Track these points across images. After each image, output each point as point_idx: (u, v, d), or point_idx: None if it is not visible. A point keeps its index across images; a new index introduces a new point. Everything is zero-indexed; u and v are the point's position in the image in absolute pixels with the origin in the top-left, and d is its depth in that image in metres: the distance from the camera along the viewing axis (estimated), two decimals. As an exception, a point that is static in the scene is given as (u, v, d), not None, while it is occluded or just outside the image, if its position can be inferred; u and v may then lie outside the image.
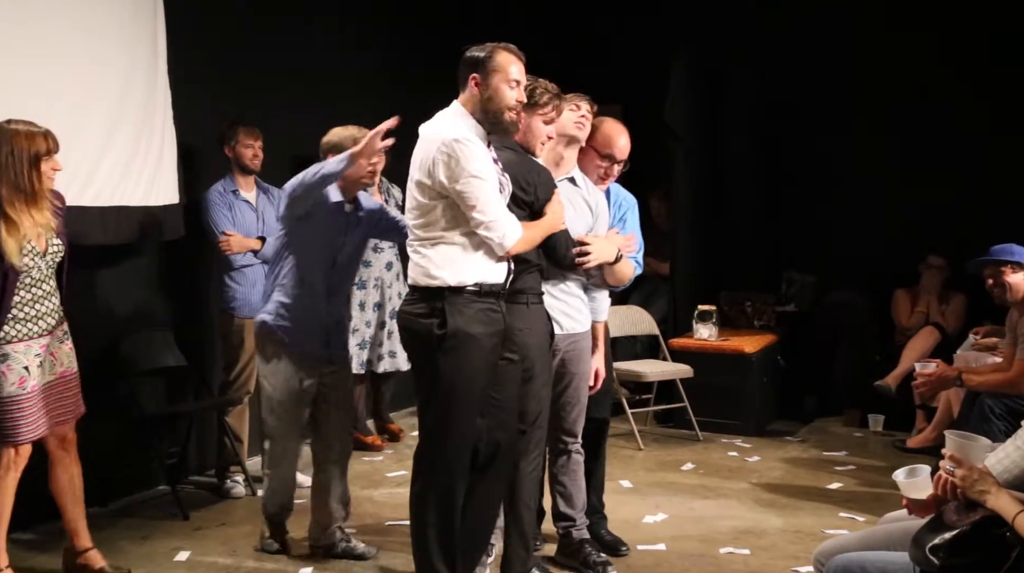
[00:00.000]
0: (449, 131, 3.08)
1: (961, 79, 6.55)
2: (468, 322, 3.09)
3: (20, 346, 3.44)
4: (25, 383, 3.44)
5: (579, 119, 3.66)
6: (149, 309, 4.97)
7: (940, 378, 4.52)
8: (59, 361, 3.60)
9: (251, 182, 4.95)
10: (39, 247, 3.47)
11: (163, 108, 4.63)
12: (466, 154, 3.02)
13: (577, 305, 3.73)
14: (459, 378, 3.10)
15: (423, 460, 3.24)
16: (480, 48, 3.16)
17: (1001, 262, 4.45)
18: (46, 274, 3.52)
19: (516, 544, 3.50)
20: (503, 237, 3.09)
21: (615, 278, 3.76)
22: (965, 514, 2.33)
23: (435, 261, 3.12)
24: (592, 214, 3.73)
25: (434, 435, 3.18)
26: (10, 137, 3.37)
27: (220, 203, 4.78)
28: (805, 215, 7.03)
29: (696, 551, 4.12)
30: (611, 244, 3.65)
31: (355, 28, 6.15)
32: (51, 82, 4.03)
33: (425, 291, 3.13)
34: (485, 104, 3.14)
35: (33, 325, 3.48)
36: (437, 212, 3.11)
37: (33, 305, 3.49)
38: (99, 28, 4.27)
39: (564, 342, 3.65)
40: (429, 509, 3.20)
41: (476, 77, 3.13)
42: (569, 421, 3.81)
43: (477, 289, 3.12)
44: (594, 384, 3.84)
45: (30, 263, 3.43)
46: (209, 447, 5.18)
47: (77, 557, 3.73)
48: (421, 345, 3.15)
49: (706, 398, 6.10)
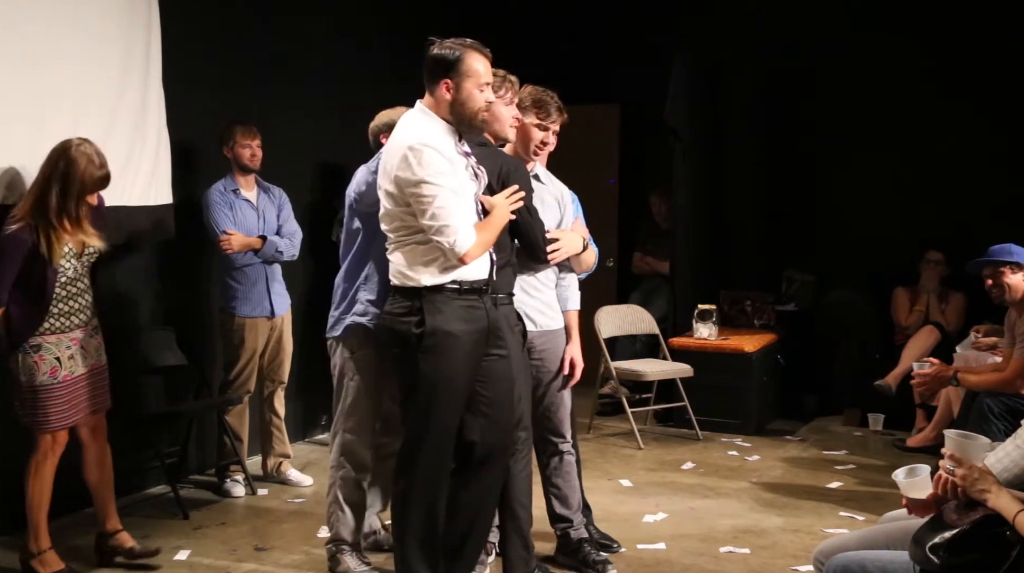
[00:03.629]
0: (410, 136, 3.07)
1: (961, 78, 6.55)
2: (447, 320, 3.09)
3: (52, 338, 3.67)
4: (56, 373, 3.66)
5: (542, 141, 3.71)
6: (149, 308, 4.97)
7: (937, 377, 4.52)
8: (90, 354, 3.79)
9: (251, 181, 4.94)
10: (77, 249, 3.69)
11: (157, 108, 4.62)
12: (421, 160, 3.01)
13: (549, 301, 3.76)
14: (438, 377, 3.10)
15: (405, 460, 3.22)
16: (448, 48, 3.12)
17: (1000, 262, 4.45)
18: (81, 273, 3.73)
19: (516, 544, 3.50)
20: (453, 243, 3.04)
21: (581, 266, 3.87)
22: (965, 513, 2.33)
23: (408, 262, 3.12)
24: (560, 209, 3.80)
25: (416, 435, 3.17)
26: (70, 163, 3.58)
27: (221, 202, 4.78)
28: (805, 215, 7.03)
29: (696, 550, 4.12)
30: (577, 235, 3.75)
31: (354, 27, 6.15)
32: (45, 84, 4.02)
33: (404, 291, 3.14)
34: (458, 108, 3.12)
35: (66, 319, 3.70)
36: (404, 216, 3.11)
37: (67, 301, 3.70)
38: (93, 29, 4.26)
39: (539, 340, 3.66)
40: (411, 509, 3.19)
41: (448, 82, 3.10)
42: (556, 421, 3.81)
43: (457, 286, 3.12)
44: (572, 375, 3.83)
45: (66, 264, 3.65)
46: (209, 447, 5.17)
47: (108, 539, 3.91)
48: (400, 345, 3.14)
49: (706, 397, 6.10)
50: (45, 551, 3.74)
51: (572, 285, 3.91)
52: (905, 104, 6.71)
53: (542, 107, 3.66)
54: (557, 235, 3.66)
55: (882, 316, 6.54)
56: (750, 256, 7.05)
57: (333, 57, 5.94)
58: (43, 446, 3.68)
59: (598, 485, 5.02)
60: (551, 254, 3.61)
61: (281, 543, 4.19)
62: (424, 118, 3.16)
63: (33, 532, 3.72)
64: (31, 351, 3.64)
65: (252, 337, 4.87)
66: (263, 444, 5.12)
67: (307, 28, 5.80)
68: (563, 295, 3.85)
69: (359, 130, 5.72)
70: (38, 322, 3.64)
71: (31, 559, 3.73)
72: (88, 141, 3.67)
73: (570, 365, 3.80)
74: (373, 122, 3.98)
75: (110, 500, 3.94)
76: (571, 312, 3.89)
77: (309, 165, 5.81)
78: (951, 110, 6.55)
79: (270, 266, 4.90)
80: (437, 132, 3.12)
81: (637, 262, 7.19)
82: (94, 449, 3.86)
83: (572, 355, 3.82)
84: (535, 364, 3.65)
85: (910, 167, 6.72)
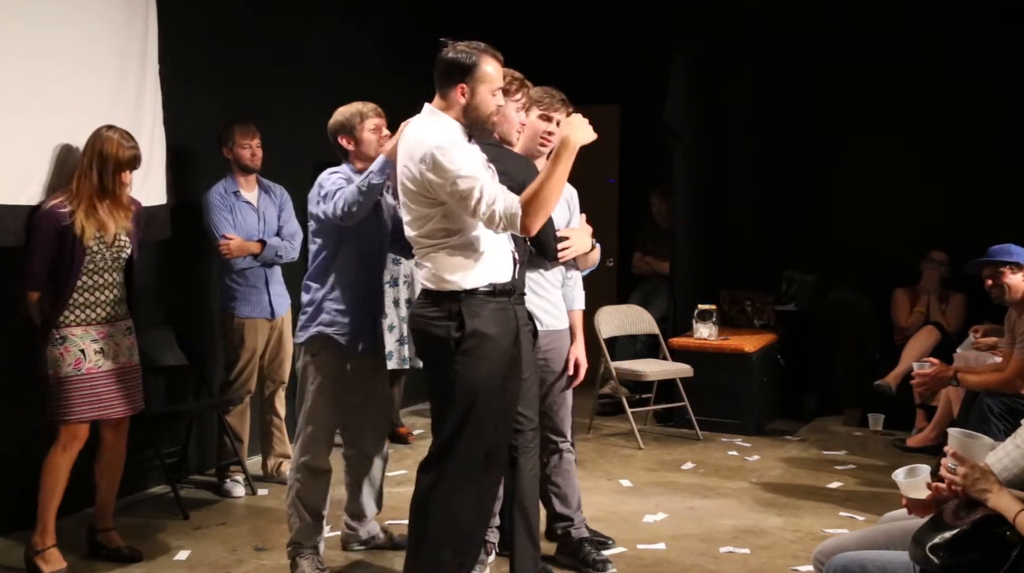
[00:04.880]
0: (430, 138, 3.04)
1: (961, 78, 6.55)
2: (485, 323, 3.08)
3: (78, 330, 3.76)
4: (80, 365, 3.74)
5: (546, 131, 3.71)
6: (149, 308, 4.96)
7: (937, 378, 4.52)
8: (122, 352, 3.87)
9: (252, 181, 4.93)
10: (108, 238, 3.80)
11: (153, 109, 4.62)
12: (448, 156, 2.99)
13: (556, 301, 3.77)
14: (478, 379, 3.07)
15: (438, 464, 3.16)
16: (463, 53, 3.10)
17: (1000, 263, 4.45)
18: (110, 265, 3.83)
19: (525, 543, 3.49)
20: (510, 205, 2.94)
21: (586, 263, 3.91)
22: (966, 513, 2.33)
23: (445, 266, 3.09)
24: (568, 209, 3.83)
25: (451, 436, 3.12)
26: (103, 142, 3.78)
27: (221, 206, 4.78)
28: (805, 215, 7.03)
29: (696, 550, 4.12)
30: (586, 235, 3.78)
31: (354, 27, 6.15)
32: (42, 85, 4.02)
33: (439, 295, 3.11)
34: (471, 112, 3.12)
35: (92, 311, 3.79)
36: (436, 219, 3.08)
37: (93, 292, 3.79)
38: (89, 30, 4.25)
39: (545, 339, 3.66)
40: (440, 509, 3.14)
41: (463, 87, 3.09)
42: (557, 420, 3.82)
43: (491, 289, 3.11)
44: (576, 375, 3.84)
45: (95, 248, 3.76)
46: (209, 447, 5.18)
47: (97, 534, 4.00)
48: (438, 349, 3.11)
49: (706, 397, 6.10)
50: (49, 548, 3.77)
51: (577, 284, 3.92)
52: (905, 104, 6.71)
53: (544, 99, 3.69)
54: (567, 234, 3.68)
55: (882, 316, 6.54)
56: (750, 256, 7.05)
57: (333, 57, 5.94)
58: (63, 439, 3.73)
59: (598, 485, 5.02)
60: (561, 252, 3.62)
61: (281, 543, 4.17)
62: (437, 121, 3.13)
63: (40, 527, 3.76)
64: (57, 343, 3.72)
65: (252, 337, 4.87)
66: (263, 444, 5.12)
67: (307, 28, 5.80)
68: (568, 295, 3.86)
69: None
70: (63, 304, 3.71)
71: (35, 555, 3.76)
72: (115, 127, 3.86)
73: (574, 366, 3.81)
74: (332, 120, 3.86)
75: (112, 500, 4.03)
76: (576, 312, 3.90)
77: (309, 165, 5.79)
78: (951, 110, 6.55)
79: (270, 268, 4.90)
80: (455, 132, 3.11)
81: (637, 262, 7.20)
82: (116, 450, 3.95)
83: (577, 356, 3.83)
84: (540, 363, 3.65)
85: (910, 167, 6.72)
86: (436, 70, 3.15)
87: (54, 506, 3.77)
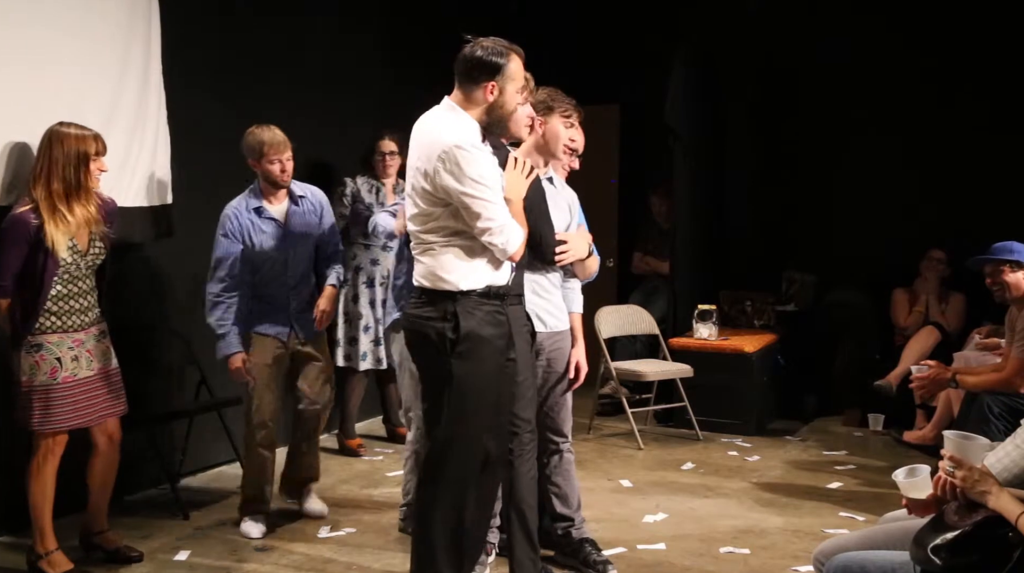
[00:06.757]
0: (450, 136, 3.00)
1: (962, 77, 6.55)
2: (480, 324, 3.06)
3: (54, 338, 3.68)
4: (56, 374, 3.67)
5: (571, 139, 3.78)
6: (149, 308, 4.97)
7: (936, 380, 4.51)
8: (97, 358, 3.80)
9: (282, 195, 4.34)
10: (81, 246, 3.70)
11: (157, 109, 4.61)
12: (469, 160, 2.95)
13: (558, 302, 3.77)
14: (472, 381, 3.05)
15: (432, 466, 3.15)
16: (494, 51, 3.06)
17: (1001, 261, 4.45)
18: (84, 272, 3.74)
19: (523, 545, 3.49)
20: (506, 242, 3.02)
21: (585, 272, 3.88)
22: (967, 514, 2.33)
23: (444, 265, 3.07)
24: (569, 213, 3.84)
25: (446, 438, 3.10)
26: (61, 138, 3.64)
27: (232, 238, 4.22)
28: (805, 215, 7.03)
29: (696, 550, 4.12)
30: (583, 240, 3.76)
31: (355, 28, 6.15)
32: (44, 85, 4.02)
33: (434, 294, 3.09)
34: (496, 111, 3.10)
35: (67, 319, 3.71)
36: (441, 218, 3.05)
37: (68, 300, 3.70)
38: (92, 30, 4.26)
39: (547, 341, 3.66)
40: (438, 517, 3.13)
41: (492, 85, 3.06)
42: (558, 421, 3.82)
43: (486, 291, 3.10)
44: (576, 378, 3.84)
45: (69, 259, 3.65)
46: (209, 447, 5.17)
47: (93, 537, 3.99)
48: (432, 349, 3.08)
49: (706, 398, 6.10)
50: (52, 552, 3.74)
51: (575, 287, 3.93)
52: (905, 103, 6.71)
53: (561, 103, 3.72)
54: (565, 238, 3.67)
55: (882, 316, 6.55)
56: (750, 256, 7.05)
57: (333, 57, 5.94)
58: (43, 448, 3.67)
59: (598, 485, 5.02)
60: (559, 256, 3.61)
61: (281, 543, 4.19)
62: (457, 117, 3.08)
63: (39, 534, 3.72)
64: (32, 350, 3.65)
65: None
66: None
67: (307, 28, 5.80)
68: (567, 297, 3.86)
69: (359, 131, 5.76)
70: (34, 315, 3.62)
71: (38, 560, 3.73)
72: (65, 121, 3.70)
73: (575, 369, 3.81)
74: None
75: (106, 503, 4.01)
76: (574, 314, 3.90)
77: (309, 165, 5.80)
78: (952, 109, 6.55)
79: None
80: (473, 132, 3.07)
81: (637, 262, 7.20)
82: (109, 457, 3.92)
83: (578, 358, 3.83)
84: (543, 364, 3.65)
85: (910, 167, 6.72)
86: (460, 67, 3.09)
87: (48, 510, 3.72)
